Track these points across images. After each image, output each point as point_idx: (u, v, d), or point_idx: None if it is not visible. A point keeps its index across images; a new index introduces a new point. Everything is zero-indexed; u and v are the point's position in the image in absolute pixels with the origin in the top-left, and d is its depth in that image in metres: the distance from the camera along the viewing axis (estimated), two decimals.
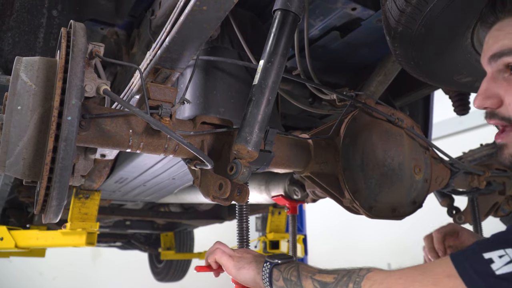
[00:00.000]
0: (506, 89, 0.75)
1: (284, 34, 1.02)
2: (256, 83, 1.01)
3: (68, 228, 2.15)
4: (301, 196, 1.89)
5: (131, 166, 1.90)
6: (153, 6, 1.55)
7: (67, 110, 0.75)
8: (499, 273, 0.57)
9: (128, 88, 1.15)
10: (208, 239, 5.54)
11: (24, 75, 0.83)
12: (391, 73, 1.74)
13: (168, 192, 2.44)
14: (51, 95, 0.83)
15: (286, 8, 1.02)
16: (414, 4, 0.88)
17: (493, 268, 0.58)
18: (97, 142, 0.96)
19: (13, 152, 0.82)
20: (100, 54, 0.87)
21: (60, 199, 0.81)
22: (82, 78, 0.78)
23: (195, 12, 0.85)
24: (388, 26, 1.02)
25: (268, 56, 1.02)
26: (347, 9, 1.55)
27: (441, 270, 0.62)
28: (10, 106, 0.81)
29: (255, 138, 0.99)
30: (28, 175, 0.87)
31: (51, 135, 0.76)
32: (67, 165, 0.77)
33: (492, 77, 0.78)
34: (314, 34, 1.75)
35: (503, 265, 0.57)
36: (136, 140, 1.00)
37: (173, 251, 4.43)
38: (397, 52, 1.09)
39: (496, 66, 0.76)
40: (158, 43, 1.00)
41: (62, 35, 0.84)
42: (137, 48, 1.66)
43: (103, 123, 0.95)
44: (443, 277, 0.61)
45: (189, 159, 1.08)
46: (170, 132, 0.88)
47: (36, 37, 1.51)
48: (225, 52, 1.47)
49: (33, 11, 1.50)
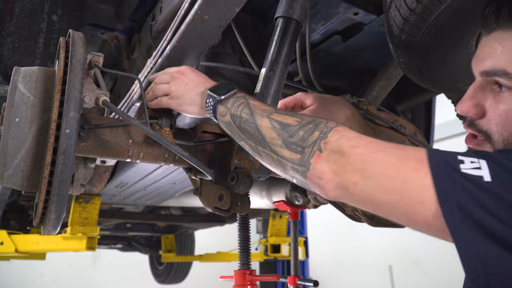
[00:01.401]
0: (491, 103, 0.74)
1: (286, 42, 1.01)
2: (257, 91, 1.00)
3: (68, 233, 2.15)
4: (303, 202, 1.87)
5: (131, 171, 1.89)
6: (154, 11, 1.54)
7: (65, 123, 0.74)
8: (463, 171, 0.58)
9: (128, 96, 1.14)
10: (209, 241, 5.53)
11: (22, 86, 0.81)
12: (394, 78, 1.73)
13: (169, 196, 2.43)
14: (50, 106, 0.82)
15: (288, 15, 1.01)
16: (419, 13, 0.86)
17: (460, 167, 0.59)
18: (96, 152, 0.95)
19: (11, 165, 0.81)
20: (99, 64, 0.86)
21: (59, 212, 0.80)
22: (81, 90, 0.77)
23: (196, 21, 0.84)
24: (391, 34, 1.00)
25: (270, 64, 1.00)
26: (349, 13, 1.54)
27: (413, 152, 0.62)
28: (8, 118, 0.79)
29: None
30: (27, 187, 0.86)
31: (49, 148, 0.75)
32: (66, 179, 0.76)
33: (480, 85, 0.77)
34: (315, 38, 1.74)
35: (471, 168, 0.58)
36: (136, 150, 0.98)
37: (174, 253, 4.42)
38: (400, 59, 1.08)
39: (487, 80, 0.75)
40: (159, 52, 0.99)
41: (61, 46, 0.83)
42: (137, 53, 1.64)
43: (102, 133, 0.94)
44: (411, 158, 0.61)
45: (189, 168, 1.07)
46: (170, 145, 0.86)
47: (36, 42, 1.50)
48: (226, 58, 1.46)
49: (33, 16, 1.49)
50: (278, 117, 0.75)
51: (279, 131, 0.72)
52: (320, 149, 0.67)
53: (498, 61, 0.72)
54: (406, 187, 0.59)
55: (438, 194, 0.57)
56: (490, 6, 0.75)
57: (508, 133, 0.71)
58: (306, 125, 0.71)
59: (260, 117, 0.77)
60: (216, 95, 0.84)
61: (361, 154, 0.63)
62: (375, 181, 0.61)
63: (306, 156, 0.68)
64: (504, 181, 0.56)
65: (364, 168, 0.62)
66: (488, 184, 0.56)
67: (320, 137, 0.68)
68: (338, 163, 0.64)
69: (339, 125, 0.70)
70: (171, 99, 0.91)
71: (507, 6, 0.72)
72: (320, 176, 0.66)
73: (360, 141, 0.65)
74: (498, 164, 0.58)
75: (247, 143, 0.78)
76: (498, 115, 0.72)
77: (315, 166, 0.66)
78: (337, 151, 0.65)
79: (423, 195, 0.58)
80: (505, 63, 0.71)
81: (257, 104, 0.80)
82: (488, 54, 0.74)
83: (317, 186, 0.67)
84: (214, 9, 0.81)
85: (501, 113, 0.72)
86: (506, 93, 0.71)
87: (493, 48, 0.73)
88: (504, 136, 0.72)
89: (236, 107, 0.81)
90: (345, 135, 0.67)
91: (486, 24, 0.76)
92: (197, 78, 0.91)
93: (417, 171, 0.59)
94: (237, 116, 0.80)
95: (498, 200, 0.55)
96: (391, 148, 0.64)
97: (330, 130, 0.68)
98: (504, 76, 0.71)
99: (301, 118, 0.73)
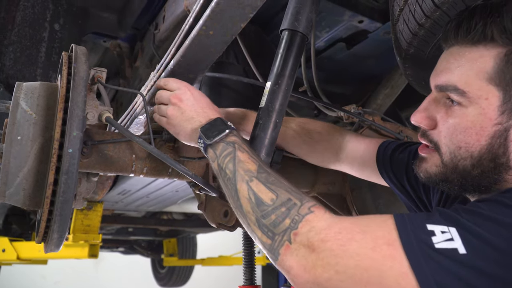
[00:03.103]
0: (443, 116, 0.75)
1: (291, 55, 0.99)
2: (263, 105, 0.98)
3: (70, 241, 2.13)
4: None
5: (134, 179, 1.88)
6: (157, 20, 1.53)
7: (68, 143, 0.73)
8: (438, 247, 0.57)
9: (131, 109, 1.13)
10: (211, 244, 5.51)
11: (24, 103, 0.80)
12: (398, 86, 1.71)
13: (171, 202, 2.42)
14: (52, 124, 0.80)
15: (294, 28, 0.99)
16: (428, 28, 0.85)
17: (433, 241, 0.58)
18: (100, 168, 0.94)
19: (13, 183, 0.80)
20: (102, 80, 0.85)
21: (62, 232, 0.79)
22: (84, 108, 0.75)
23: (201, 36, 0.83)
24: (399, 47, 0.99)
25: (275, 78, 0.98)
26: (353, 21, 1.52)
27: (382, 235, 0.61)
28: (10, 136, 0.78)
29: None
30: (29, 205, 0.85)
31: (51, 168, 0.74)
32: (68, 199, 0.75)
33: (434, 98, 0.78)
34: (319, 45, 1.72)
35: (444, 240, 0.58)
36: (140, 165, 0.97)
37: (176, 257, 4.41)
38: (408, 72, 1.06)
39: (441, 93, 0.77)
40: (163, 65, 0.97)
41: (63, 61, 0.82)
42: (140, 62, 1.63)
43: (105, 148, 0.92)
44: (383, 243, 0.60)
45: (194, 183, 1.05)
46: (174, 164, 0.85)
47: (38, 51, 1.48)
48: (230, 67, 1.44)
49: (34, 25, 1.48)
50: (256, 186, 0.73)
51: (254, 207, 0.71)
52: (290, 240, 0.65)
53: (452, 76, 0.73)
54: (383, 278, 0.58)
55: (417, 279, 0.56)
56: (451, 22, 0.76)
57: (454, 146, 0.73)
58: (279, 207, 0.69)
59: (240, 180, 0.75)
60: (206, 138, 0.82)
61: (331, 249, 0.62)
62: (349, 275, 0.60)
63: (276, 244, 0.67)
64: (478, 250, 0.56)
65: (336, 263, 0.61)
66: (464, 256, 0.56)
67: (290, 227, 0.66)
68: (308, 259, 0.63)
69: (311, 210, 0.67)
70: (168, 124, 0.89)
71: (466, 23, 0.73)
72: (288, 270, 0.65)
73: (329, 233, 0.63)
74: (467, 231, 0.58)
75: (228, 198, 0.78)
76: (447, 128, 0.74)
77: (283, 258, 0.65)
78: (307, 245, 0.64)
79: (401, 284, 0.57)
80: (457, 78, 0.72)
81: (242, 159, 0.77)
82: (444, 68, 0.76)
83: (287, 276, 0.66)
84: (219, 24, 0.80)
85: (449, 126, 0.74)
86: (457, 107, 0.73)
87: (449, 63, 0.75)
88: (451, 149, 0.74)
89: (223, 158, 0.79)
90: (314, 227, 0.64)
91: (446, 39, 0.77)
92: (194, 107, 0.87)
93: (392, 259, 0.58)
94: (222, 169, 0.79)
95: (477, 272, 0.55)
96: (361, 233, 0.62)
97: (301, 219, 0.66)
98: (455, 92, 0.72)
99: (276, 194, 0.71)
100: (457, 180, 0.75)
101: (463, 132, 0.72)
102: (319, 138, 1.15)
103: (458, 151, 0.73)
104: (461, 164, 0.73)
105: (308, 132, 1.16)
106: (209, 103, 0.90)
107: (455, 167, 0.74)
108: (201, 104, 0.88)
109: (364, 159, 1.10)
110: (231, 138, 0.81)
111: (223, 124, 0.83)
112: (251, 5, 0.74)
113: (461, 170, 0.73)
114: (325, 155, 1.16)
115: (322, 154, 1.16)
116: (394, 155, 1.05)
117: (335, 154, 1.14)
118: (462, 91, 0.71)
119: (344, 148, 1.13)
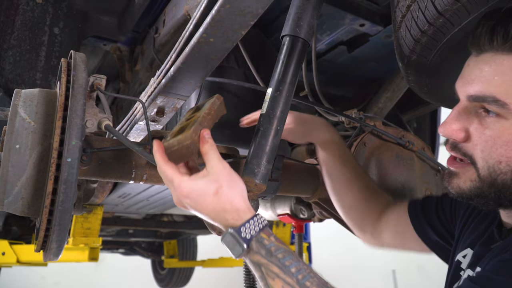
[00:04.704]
0: (477, 127, 0.70)
1: (292, 61, 0.98)
2: (264, 112, 0.97)
3: (70, 244, 2.13)
4: (308, 215, 1.84)
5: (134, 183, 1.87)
6: (157, 24, 1.52)
7: (67, 152, 0.72)
8: None
9: (131, 115, 1.12)
10: (212, 245, 5.51)
11: (23, 111, 0.79)
12: (400, 89, 1.71)
13: (172, 205, 2.41)
14: (51, 132, 0.79)
15: (295, 34, 0.98)
16: (431, 35, 0.84)
17: None
18: (99, 175, 0.93)
19: (12, 192, 0.79)
20: (101, 87, 0.84)
21: (61, 241, 0.78)
22: (83, 117, 0.75)
23: (201, 44, 0.82)
24: (401, 54, 0.98)
25: (276, 84, 0.98)
26: (355, 25, 1.52)
27: None
28: (8, 144, 0.77)
29: (263, 170, 0.95)
30: (28, 213, 0.84)
31: (50, 177, 0.73)
32: (67, 208, 0.74)
33: (465, 108, 0.73)
34: (320, 48, 1.72)
35: None
36: (139, 172, 0.96)
37: (176, 259, 4.40)
38: (410, 78, 1.05)
39: (473, 104, 0.71)
40: (163, 72, 0.96)
41: (62, 69, 0.81)
42: (140, 66, 1.63)
43: (105, 156, 0.91)
44: None
45: None
46: None
47: (38, 55, 1.48)
48: (230, 72, 1.43)
49: (34, 29, 1.47)
50: None
51: None
52: None
53: (488, 87, 0.68)
54: None
55: None
56: (482, 26, 0.71)
57: (494, 160, 0.68)
58: None
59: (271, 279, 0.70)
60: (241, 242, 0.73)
61: None
62: None
63: None
64: None
65: None
66: None
67: None
68: None
69: None
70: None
71: (502, 28, 0.67)
72: None
73: None
74: None
75: None
76: (484, 140, 0.69)
77: None
78: None
79: None
80: (495, 89, 0.67)
81: (270, 271, 0.71)
82: (476, 76, 0.70)
83: None
84: (220, 32, 0.79)
85: (487, 139, 0.69)
86: (493, 118, 0.68)
87: (483, 71, 0.69)
88: (490, 163, 0.69)
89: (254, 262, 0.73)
90: None
91: (478, 44, 0.71)
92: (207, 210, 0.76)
93: None
94: (254, 268, 0.74)
95: None
96: None
97: None
98: (494, 103, 0.67)
99: None
100: (494, 195, 0.70)
101: (504, 146, 0.67)
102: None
103: (498, 165, 0.68)
104: (500, 179, 0.68)
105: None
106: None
107: (493, 182, 0.69)
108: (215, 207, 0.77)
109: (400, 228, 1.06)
110: (263, 249, 0.73)
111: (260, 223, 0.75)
112: (252, 13, 0.73)
113: (500, 185, 0.69)
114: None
115: None
116: (424, 209, 1.00)
117: None
118: (503, 103, 0.66)
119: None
